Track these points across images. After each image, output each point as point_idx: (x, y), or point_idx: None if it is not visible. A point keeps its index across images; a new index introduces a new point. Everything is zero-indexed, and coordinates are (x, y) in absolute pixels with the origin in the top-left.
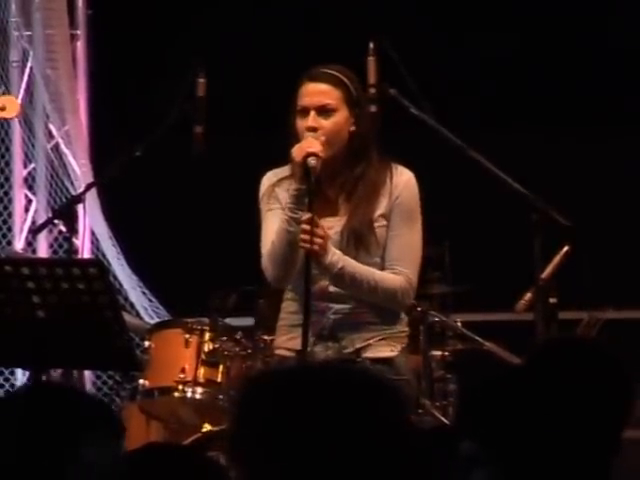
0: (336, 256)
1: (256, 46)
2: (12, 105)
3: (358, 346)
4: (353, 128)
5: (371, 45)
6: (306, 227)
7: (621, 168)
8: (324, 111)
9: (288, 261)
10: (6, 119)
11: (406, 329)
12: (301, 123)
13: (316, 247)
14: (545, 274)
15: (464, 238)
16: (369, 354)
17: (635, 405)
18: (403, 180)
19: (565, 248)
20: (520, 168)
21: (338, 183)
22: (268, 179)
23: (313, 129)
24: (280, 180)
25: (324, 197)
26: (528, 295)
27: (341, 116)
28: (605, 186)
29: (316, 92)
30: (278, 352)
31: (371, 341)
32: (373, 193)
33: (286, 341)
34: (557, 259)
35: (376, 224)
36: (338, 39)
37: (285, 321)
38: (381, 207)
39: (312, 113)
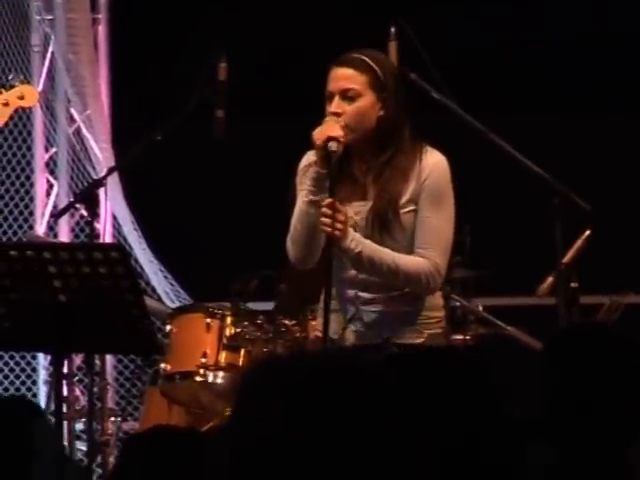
0: (354, 240)
1: (277, 30)
2: (31, 94)
3: (386, 334)
4: (381, 113)
5: (392, 30)
6: (327, 211)
7: None
8: (348, 96)
9: (307, 243)
10: (24, 108)
11: (439, 314)
12: (328, 108)
13: (337, 232)
14: (566, 258)
15: (485, 222)
16: (397, 340)
17: None
18: (432, 162)
19: (586, 232)
20: (541, 152)
21: (366, 167)
22: (307, 158)
23: (336, 114)
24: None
25: (355, 181)
26: (549, 279)
27: (366, 101)
28: (626, 170)
29: (340, 77)
30: (314, 334)
31: (398, 328)
32: (401, 177)
33: (321, 324)
34: (578, 243)
35: (403, 210)
36: (359, 23)
37: (322, 304)
38: (409, 192)
39: (336, 98)
